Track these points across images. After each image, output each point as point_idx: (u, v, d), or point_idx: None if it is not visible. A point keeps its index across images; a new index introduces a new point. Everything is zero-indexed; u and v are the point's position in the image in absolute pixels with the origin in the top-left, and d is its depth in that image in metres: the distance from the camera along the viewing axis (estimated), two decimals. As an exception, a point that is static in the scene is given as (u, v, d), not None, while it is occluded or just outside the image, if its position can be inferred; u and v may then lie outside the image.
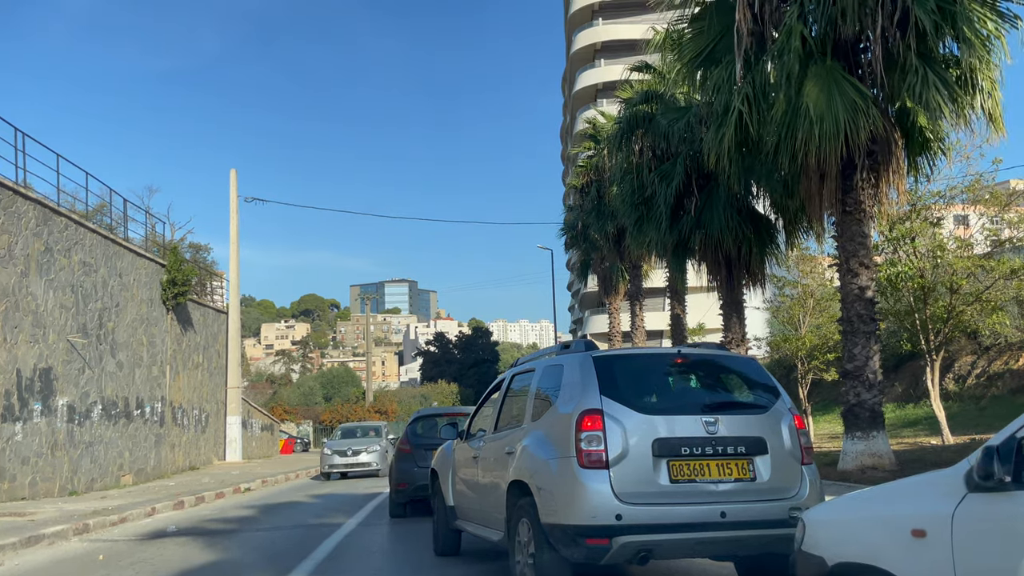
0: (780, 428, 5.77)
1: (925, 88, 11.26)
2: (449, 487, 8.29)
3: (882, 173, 12.59)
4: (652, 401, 5.84)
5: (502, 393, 7.38)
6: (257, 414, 39.72)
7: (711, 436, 5.52)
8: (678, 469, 5.44)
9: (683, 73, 14.19)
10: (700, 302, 33.54)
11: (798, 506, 5.49)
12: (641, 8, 54.41)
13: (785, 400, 6.02)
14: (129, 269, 22.97)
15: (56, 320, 18.47)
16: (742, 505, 5.47)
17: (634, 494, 5.34)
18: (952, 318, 15.52)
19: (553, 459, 5.70)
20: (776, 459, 5.64)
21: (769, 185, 15.50)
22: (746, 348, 18.07)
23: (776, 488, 5.59)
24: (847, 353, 12.70)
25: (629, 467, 5.38)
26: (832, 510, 4.29)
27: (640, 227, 18.66)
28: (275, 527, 12.04)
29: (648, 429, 5.48)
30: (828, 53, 12.14)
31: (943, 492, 3.36)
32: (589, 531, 5.30)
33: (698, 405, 5.79)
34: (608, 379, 5.72)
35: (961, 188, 15.33)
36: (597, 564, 5.45)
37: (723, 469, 5.51)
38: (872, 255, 13.05)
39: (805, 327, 22.18)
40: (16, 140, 18.00)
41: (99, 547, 10.41)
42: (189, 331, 28.19)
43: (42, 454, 17.45)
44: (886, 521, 3.65)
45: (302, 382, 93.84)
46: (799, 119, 11.87)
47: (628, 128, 18.74)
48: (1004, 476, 3.05)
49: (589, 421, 5.46)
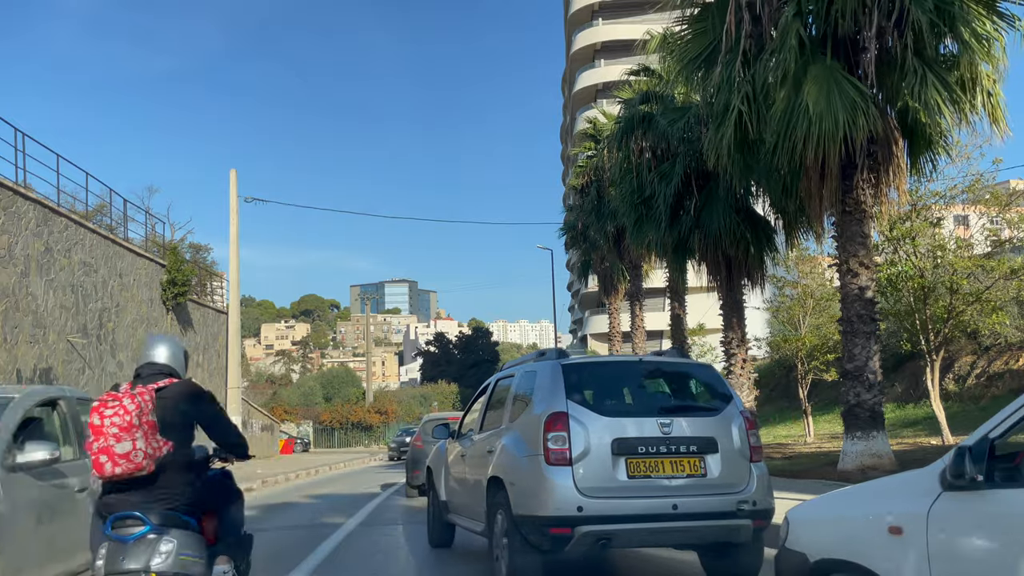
0: (731, 429, 6.27)
1: (924, 88, 11.22)
2: (442, 483, 8.82)
3: (882, 173, 12.56)
4: (613, 404, 6.52)
5: (487, 396, 8.00)
6: (257, 414, 39.73)
7: (665, 436, 6.06)
8: (635, 466, 5.98)
9: (684, 73, 14.16)
10: (700, 302, 33.53)
11: (746, 499, 6.07)
12: (641, 8, 54.42)
13: (737, 404, 6.52)
14: (129, 269, 22.99)
15: (56, 320, 18.49)
16: (693, 498, 5.98)
17: (594, 488, 5.86)
18: (952, 318, 15.50)
19: (524, 457, 6.26)
20: (726, 457, 6.15)
21: (768, 186, 15.47)
22: (747, 348, 18.06)
23: (725, 483, 6.10)
24: (847, 353, 12.68)
25: (590, 464, 5.92)
26: (814, 508, 4.39)
27: (640, 227, 18.64)
28: (275, 527, 12.03)
29: (608, 430, 6.01)
30: (827, 52, 12.12)
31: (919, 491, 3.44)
32: (554, 521, 5.86)
33: (655, 408, 6.37)
34: (574, 385, 6.30)
35: (961, 188, 15.31)
36: (562, 551, 5.99)
37: (676, 466, 6.05)
38: (872, 255, 13.03)
39: (805, 327, 22.17)
40: (16, 140, 18.05)
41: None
42: (189, 331, 28.20)
43: (42, 454, 17.42)
44: (865, 519, 3.74)
45: (302, 382, 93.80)
46: (799, 118, 11.83)
47: (628, 128, 18.73)
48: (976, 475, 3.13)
49: (555, 422, 6.01)
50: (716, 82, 13.07)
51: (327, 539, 10.21)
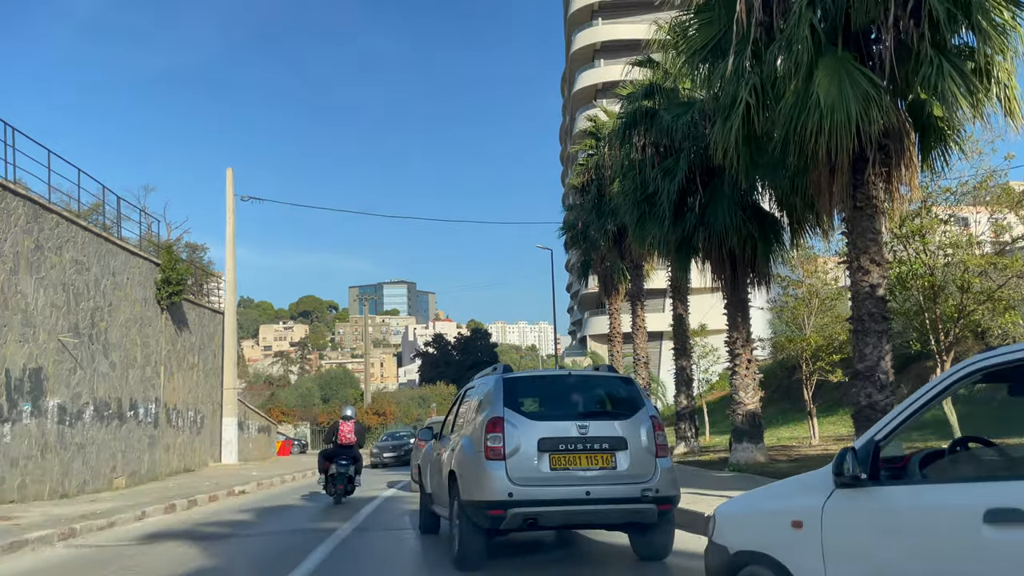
0: (640, 430, 7.55)
1: (940, 78, 10.86)
2: (427, 478, 10.17)
3: (894, 167, 12.18)
4: (541, 411, 7.81)
5: (457, 403, 9.46)
6: (254, 415, 39.30)
7: (582, 436, 7.35)
8: (556, 460, 7.29)
9: (689, 65, 13.79)
10: (701, 303, 33.18)
11: (650, 488, 7.33)
12: (641, 7, 54.12)
13: (648, 409, 7.82)
14: (122, 268, 22.58)
15: (47, 319, 18.08)
16: (604, 487, 7.28)
17: (523, 478, 7.19)
18: (963, 317, 15.13)
19: (471, 454, 7.64)
20: (634, 453, 7.42)
21: (775, 182, 15.13)
22: (751, 348, 17.68)
23: (633, 475, 7.35)
24: (858, 353, 12.30)
25: (520, 459, 7.24)
26: (736, 504, 4.74)
27: (642, 224, 18.28)
28: (268, 532, 11.67)
29: (535, 431, 7.34)
30: (839, 43, 11.77)
31: (818, 488, 3.78)
32: (490, 505, 7.20)
33: (576, 413, 7.63)
34: (511, 394, 7.62)
35: (973, 184, 14.92)
36: (497, 528, 7.35)
37: (591, 460, 7.34)
38: (884, 252, 12.67)
39: (810, 327, 21.77)
40: (5, 135, 17.63)
41: (84, 553, 10.03)
42: (184, 331, 27.79)
43: (32, 456, 17.04)
44: (774, 514, 4.11)
45: (300, 383, 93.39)
46: (809, 110, 11.47)
47: (631, 123, 18.35)
48: (859, 474, 3.47)
49: (494, 426, 7.34)
50: (723, 73, 12.70)
51: (321, 545, 9.81)
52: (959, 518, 3.07)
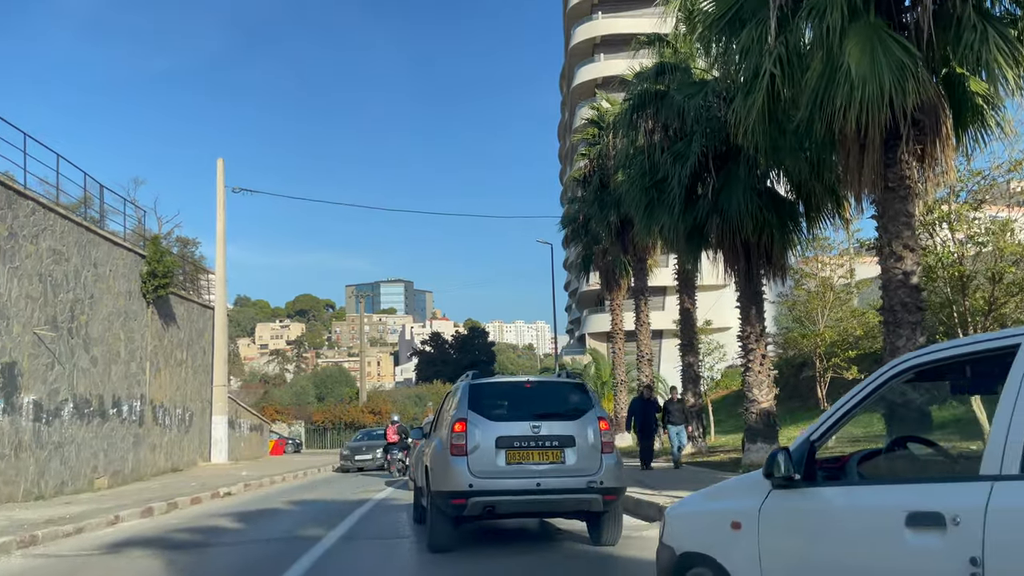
0: (587, 429, 8.50)
1: (984, 45, 9.94)
2: (419, 473, 10.89)
3: (928, 145, 11.27)
4: (500, 412, 8.66)
5: (440, 405, 10.60)
6: (246, 414, 38.28)
7: (535, 435, 8.37)
8: (511, 456, 8.29)
9: (705, 37, 12.84)
10: (704, 300, 32.16)
11: (595, 480, 8.23)
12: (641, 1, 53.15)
13: (596, 411, 8.76)
14: (105, 259, 21.57)
15: (21, 311, 17.10)
16: (553, 479, 8.23)
17: (482, 471, 8.18)
18: (993, 310, 14.22)
19: (440, 450, 8.68)
20: (581, 450, 8.37)
21: (795, 164, 14.17)
22: (766, 343, 16.72)
23: (579, 469, 8.31)
24: (889, 346, 11.37)
25: (480, 455, 8.24)
26: (684, 506, 4.72)
27: (650, 212, 17.31)
28: (248, 540, 10.70)
29: (494, 431, 8.35)
30: (871, 10, 10.84)
31: (756, 490, 3.74)
32: (454, 495, 8.22)
33: (530, 415, 8.52)
34: (475, 398, 8.67)
35: (1008, 167, 13.96)
36: (460, 515, 8.31)
37: (542, 456, 8.32)
38: (917, 236, 11.73)
39: (823, 322, 20.80)
40: (-23, 116, 16.61)
41: (40, 565, 9.04)
42: (172, 326, 26.78)
43: (4, 455, 16.05)
44: (715, 515, 4.08)
45: (295, 382, 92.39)
46: (838, 82, 10.56)
47: (639, 105, 17.36)
48: (793, 475, 3.47)
49: (459, 426, 8.37)
50: (745, 45, 11.75)
51: (303, 556, 8.82)
52: (883, 520, 3.02)
